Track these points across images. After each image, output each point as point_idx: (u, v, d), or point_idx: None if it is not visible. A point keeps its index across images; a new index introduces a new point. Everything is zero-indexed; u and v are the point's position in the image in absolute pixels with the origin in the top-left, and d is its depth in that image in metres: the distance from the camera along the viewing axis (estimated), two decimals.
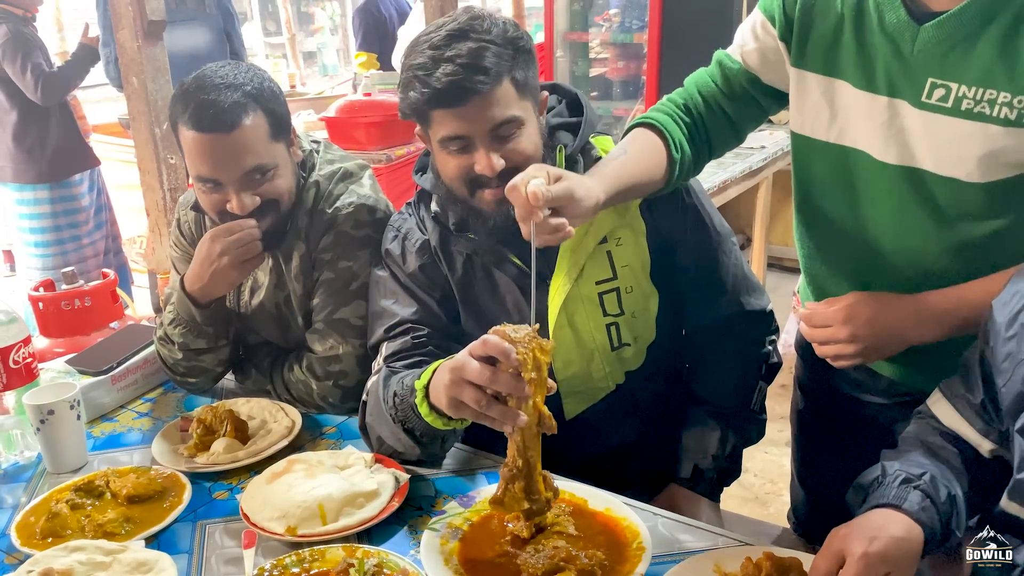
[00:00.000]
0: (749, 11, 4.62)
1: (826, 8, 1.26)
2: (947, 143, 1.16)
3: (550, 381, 1.13)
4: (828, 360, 1.28)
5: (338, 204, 1.61)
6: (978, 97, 1.12)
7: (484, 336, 1.10)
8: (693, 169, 1.43)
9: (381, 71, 5.08)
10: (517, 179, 1.14)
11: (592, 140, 1.48)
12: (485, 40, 1.28)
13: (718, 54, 1.43)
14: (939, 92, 1.15)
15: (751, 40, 1.37)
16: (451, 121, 1.30)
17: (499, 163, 1.31)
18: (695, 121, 1.41)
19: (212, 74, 1.49)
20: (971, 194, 1.18)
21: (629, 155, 1.34)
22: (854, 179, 1.29)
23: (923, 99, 1.17)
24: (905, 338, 1.22)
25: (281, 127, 1.54)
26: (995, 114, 1.11)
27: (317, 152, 1.68)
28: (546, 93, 1.44)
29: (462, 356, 1.13)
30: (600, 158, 1.44)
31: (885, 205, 1.26)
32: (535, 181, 1.12)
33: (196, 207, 1.66)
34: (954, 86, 1.14)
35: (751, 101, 1.40)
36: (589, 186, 1.20)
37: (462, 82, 1.26)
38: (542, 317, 1.42)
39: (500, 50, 1.29)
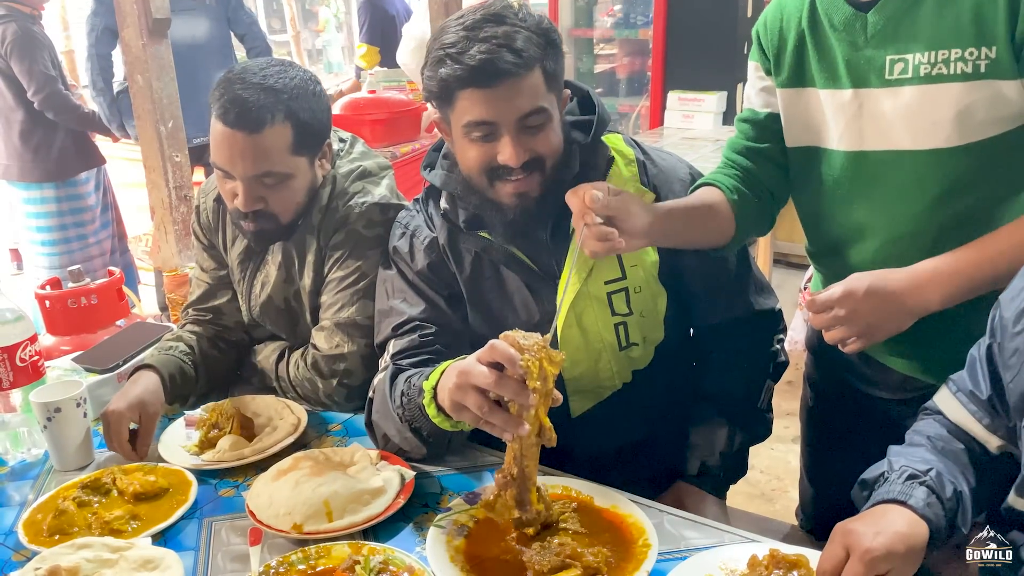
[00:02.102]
0: (754, 8, 4.61)
1: (789, 27, 1.34)
2: (917, 112, 1.22)
3: (556, 393, 1.13)
4: (838, 346, 1.27)
5: (351, 203, 1.61)
6: (932, 60, 1.19)
7: (492, 341, 1.10)
8: (760, 216, 1.46)
9: (386, 68, 5.07)
10: (578, 187, 1.21)
11: (603, 138, 1.47)
12: (520, 26, 1.28)
13: (737, 117, 1.51)
14: (899, 66, 1.22)
15: (753, 87, 1.45)
16: (479, 105, 1.28)
17: (524, 154, 1.30)
18: (744, 176, 1.44)
19: (257, 70, 1.50)
20: (953, 162, 1.22)
21: (687, 200, 1.40)
22: (839, 177, 1.33)
23: (887, 77, 1.24)
24: (906, 306, 1.21)
25: (308, 141, 1.54)
26: (953, 71, 1.18)
27: (341, 153, 1.69)
28: (568, 92, 1.43)
29: (470, 360, 1.13)
30: (612, 157, 1.44)
31: (872, 196, 1.30)
32: (595, 191, 1.18)
33: (220, 199, 1.68)
34: (909, 56, 1.21)
35: (782, 136, 1.42)
36: (646, 206, 1.26)
37: (495, 61, 1.25)
38: (550, 316, 1.41)
39: (534, 37, 1.28)
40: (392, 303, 1.48)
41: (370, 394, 1.45)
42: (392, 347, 1.45)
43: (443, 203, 1.46)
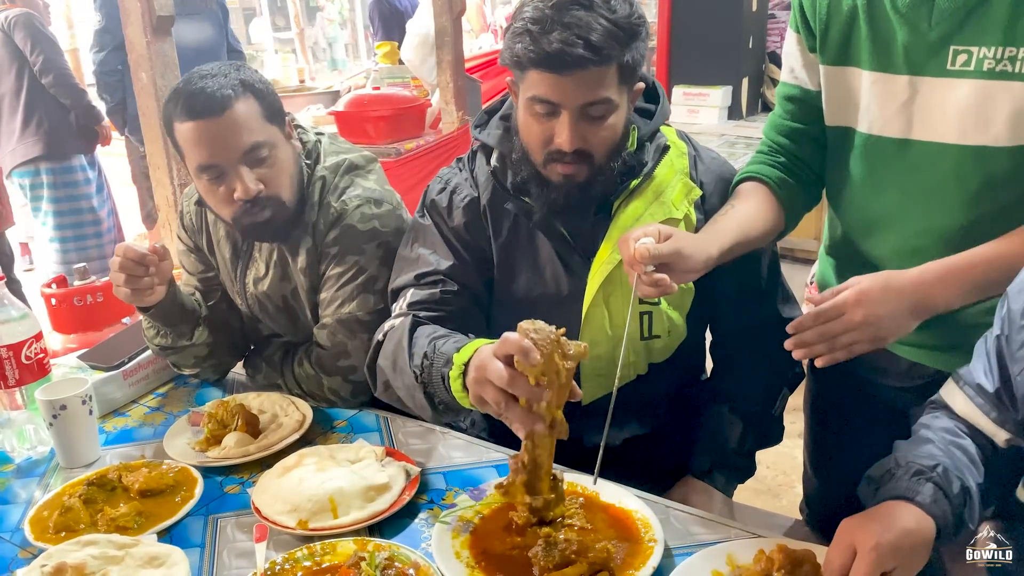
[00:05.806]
0: (758, 3, 4.59)
1: (840, 2, 1.29)
2: (973, 107, 1.18)
3: (575, 388, 1.12)
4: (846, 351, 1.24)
5: (344, 197, 1.60)
6: (999, 56, 1.15)
7: (505, 334, 1.09)
8: (808, 199, 1.45)
9: (390, 65, 5.07)
10: (629, 234, 1.20)
11: (660, 128, 1.47)
12: (605, 16, 1.26)
13: (777, 90, 1.47)
14: (962, 58, 1.18)
15: (794, 59, 1.40)
16: (545, 85, 1.28)
17: (578, 141, 1.30)
18: (789, 159, 1.43)
19: (198, 71, 1.51)
20: (997, 161, 1.19)
21: (735, 207, 1.38)
22: (875, 162, 1.31)
23: (947, 67, 1.19)
24: (914, 305, 1.17)
25: (274, 112, 1.54)
26: (1018, 70, 1.14)
27: (321, 143, 1.68)
28: (642, 84, 1.40)
29: (487, 355, 1.12)
30: (668, 146, 1.44)
31: (907, 185, 1.28)
32: (644, 240, 1.17)
33: (201, 201, 1.66)
34: (975, 49, 1.16)
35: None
36: (700, 243, 1.24)
37: (571, 52, 1.23)
38: (579, 293, 1.41)
39: (616, 32, 1.26)
40: (421, 251, 1.47)
41: (379, 336, 1.43)
42: (410, 295, 1.44)
43: (494, 161, 1.46)
